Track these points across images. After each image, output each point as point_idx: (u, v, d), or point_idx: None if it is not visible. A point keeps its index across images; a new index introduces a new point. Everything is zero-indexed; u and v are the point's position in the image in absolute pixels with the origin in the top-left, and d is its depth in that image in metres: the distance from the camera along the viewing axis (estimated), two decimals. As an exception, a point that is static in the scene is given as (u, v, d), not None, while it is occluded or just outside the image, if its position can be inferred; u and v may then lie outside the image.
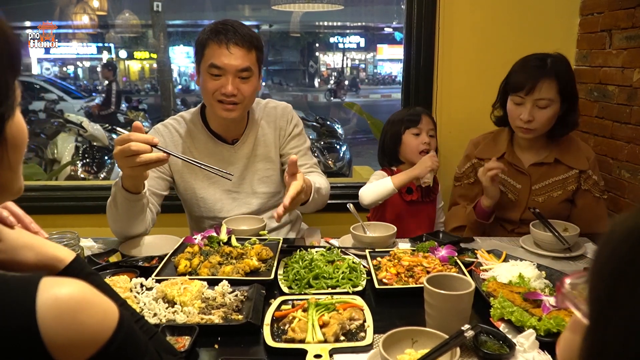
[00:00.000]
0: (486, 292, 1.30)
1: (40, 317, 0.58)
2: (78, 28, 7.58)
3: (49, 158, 5.53)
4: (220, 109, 1.76)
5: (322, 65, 19.74)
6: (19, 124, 0.69)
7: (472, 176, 2.06)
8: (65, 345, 0.59)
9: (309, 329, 1.12)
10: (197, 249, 1.55)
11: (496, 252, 1.57)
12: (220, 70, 1.72)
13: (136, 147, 1.37)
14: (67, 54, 16.78)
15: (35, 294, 0.59)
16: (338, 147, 5.56)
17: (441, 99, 2.48)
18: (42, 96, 9.85)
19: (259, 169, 1.93)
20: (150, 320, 1.18)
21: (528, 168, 1.96)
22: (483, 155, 2.03)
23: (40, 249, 0.85)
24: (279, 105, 2.01)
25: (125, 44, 15.61)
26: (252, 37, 1.75)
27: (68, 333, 0.60)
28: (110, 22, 9.63)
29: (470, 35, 2.42)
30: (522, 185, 1.96)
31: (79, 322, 0.61)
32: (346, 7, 10.26)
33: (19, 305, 0.59)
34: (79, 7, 5.91)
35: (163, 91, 9.52)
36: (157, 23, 8.99)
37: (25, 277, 0.62)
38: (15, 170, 0.71)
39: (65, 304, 0.60)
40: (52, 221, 2.55)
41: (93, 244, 1.68)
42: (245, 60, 1.73)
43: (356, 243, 1.69)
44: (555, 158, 1.92)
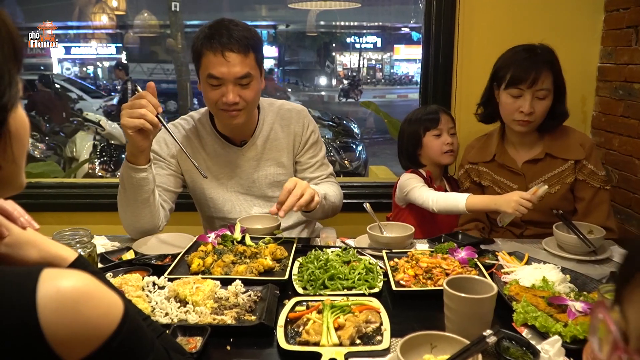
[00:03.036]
0: (508, 295, 1.25)
1: (41, 310, 0.56)
2: (97, 28, 7.66)
3: (68, 156, 5.58)
4: (225, 116, 1.73)
5: (338, 65, 19.71)
6: (21, 117, 0.68)
7: (466, 182, 2.03)
8: (66, 339, 0.57)
9: (324, 332, 1.09)
10: (211, 247, 1.53)
11: (518, 254, 1.52)
12: (219, 80, 1.67)
13: (145, 103, 1.48)
14: (87, 54, 17.00)
15: (36, 286, 0.57)
16: (354, 147, 5.52)
17: (460, 98, 2.43)
18: (63, 95, 9.97)
19: (270, 173, 1.90)
20: (161, 320, 1.16)
21: (521, 167, 1.90)
22: (475, 160, 2.00)
23: (44, 246, 0.84)
24: (295, 108, 1.97)
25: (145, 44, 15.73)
26: (247, 39, 1.67)
27: (70, 326, 0.58)
28: (129, 22, 9.72)
29: (491, 33, 2.36)
30: (517, 185, 1.90)
31: (81, 315, 0.59)
32: (363, 7, 10.22)
33: (19, 298, 0.57)
34: (98, 7, 5.97)
35: (180, 91, 9.56)
36: (174, 23, 9.03)
37: (25, 269, 0.60)
38: (19, 164, 0.70)
39: (67, 296, 0.58)
40: (67, 218, 2.56)
41: (107, 242, 1.66)
42: (244, 66, 1.66)
43: (373, 243, 1.65)
44: (546, 153, 1.86)
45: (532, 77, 1.75)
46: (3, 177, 0.67)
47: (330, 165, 2.04)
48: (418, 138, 2.06)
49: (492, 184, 1.95)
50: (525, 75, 1.76)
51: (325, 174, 1.99)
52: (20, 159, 0.69)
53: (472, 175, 2.00)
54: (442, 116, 2.05)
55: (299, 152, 1.95)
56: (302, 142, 1.94)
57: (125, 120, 1.49)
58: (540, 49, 1.81)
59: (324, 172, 1.98)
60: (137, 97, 1.50)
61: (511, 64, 1.82)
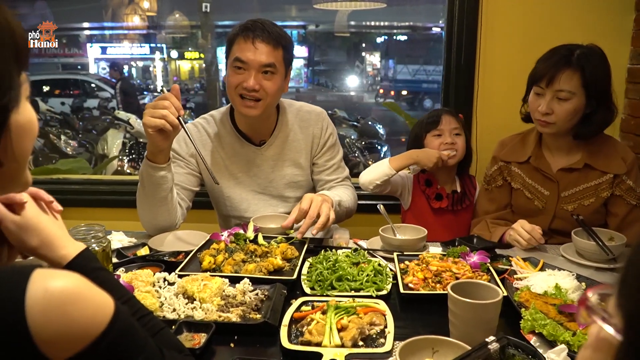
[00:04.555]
0: (518, 302, 1.22)
1: (29, 310, 0.57)
2: (129, 29, 7.83)
3: (99, 153, 5.73)
4: (242, 105, 1.75)
5: (368, 65, 19.62)
6: (25, 116, 0.70)
7: (499, 179, 1.94)
8: (52, 339, 0.58)
9: (327, 332, 1.09)
10: (223, 245, 1.55)
11: (533, 260, 1.48)
12: (244, 64, 1.71)
13: (168, 105, 1.51)
14: (121, 55, 17.42)
15: (26, 285, 0.59)
16: (379, 148, 5.49)
17: (482, 100, 2.39)
18: (97, 94, 10.24)
19: (287, 173, 1.92)
20: (168, 315, 1.18)
21: (556, 173, 1.81)
22: (509, 158, 1.91)
23: (46, 235, 0.86)
24: (314, 110, 1.98)
25: (176, 44, 16.02)
26: (279, 36, 1.74)
27: (56, 326, 0.59)
28: (162, 23, 9.90)
29: (515, 33, 2.32)
30: (549, 192, 1.82)
31: (67, 315, 0.60)
32: (392, 7, 10.14)
33: (9, 297, 0.58)
34: (130, 9, 6.10)
35: (209, 90, 9.69)
36: (205, 23, 9.17)
37: (18, 268, 0.62)
38: (21, 163, 0.71)
39: (55, 297, 0.59)
40: (92, 214, 2.62)
41: (123, 238, 1.70)
42: (270, 56, 1.71)
43: (385, 245, 1.64)
44: (585, 163, 1.77)
45: (549, 76, 1.68)
46: (5, 174, 0.69)
47: (346, 168, 2.06)
48: (419, 139, 2.03)
49: (523, 187, 1.88)
50: (544, 73, 1.70)
51: (341, 177, 2.00)
52: (21, 158, 0.70)
53: (505, 173, 1.93)
54: (444, 117, 2.00)
55: (317, 154, 1.96)
56: (320, 144, 1.95)
57: (146, 119, 1.52)
58: (580, 49, 1.70)
59: (340, 175, 2.00)
60: (161, 98, 1.54)
61: (541, 61, 1.77)
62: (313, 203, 1.61)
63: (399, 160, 1.92)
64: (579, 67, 1.67)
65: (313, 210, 1.59)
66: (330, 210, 1.62)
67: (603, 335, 0.48)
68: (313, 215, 1.59)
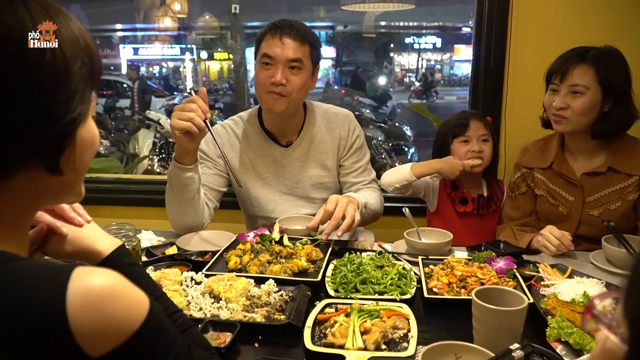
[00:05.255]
0: (544, 309, 1.20)
1: (70, 306, 0.60)
2: (160, 30, 7.98)
3: (131, 152, 5.86)
4: (269, 100, 1.78)
5: (396, 66, 19.50)
6: (89, 131, 0.73)
7: (523, 186, 1.92)
8: (91, 334, 0.61)
9: (350, 335, 1.09)
10: (249, 246, 1.57)
11: (561, 266, 1.46)
12: (272, 60, 1.75)
13: (195, 107, 1.55)
14: (153, 55, 17.76)
15: (67, 282, 0.61)
16: (406, 149, 5.47)
17: (512, 102, 2.35)
18: (129, 94, 10.47)
19: (314, 175, 1.93)
20: (195, 314, 1.20)
21: (580, 178, 1.78)
22: (531, 165, 1.89)
23: (79, 241, 0.89)
24: (341, 112, 2.00)
25: (206, 45, 16.25)
26: (306, 33, 1.78)
27: (94, 322, 0.61)
28: (193, 24, 10.06)
29: (546, 34, 2.27)
30: (574, 198, 1.78)
31: (106, 312, 0.62)
32: (421, 7, 10.06)
33: (50, 293, 0.61)
34: (161, 11, 6.21)
35: (238, 90, 9.79)
36: (234, 25, 9.27)
37: (60, 266, 0.65)
38: (79, 173, 0.75)
39: (94, 294, 0.62)
40: (123, 212, 2.68)
41: (153, 237, 1.74)
42: (297, 52, 1.75)
43: (410, 249, 1.64)
44: (609, 167, 1.73)
45: (562, 71, 1.69)
46: (64, 183, 0.72)
47: (373, 171, 2.06)
48: (446, 144, 2.00)
49: (547, 193, 1.85)
50: (557, 69, 1.71)
51: (368, 179, 2.00)
52: (81, 169, 0.74)
53: (528, 180, 1.91)
54: (473, 122, 1.96)
55: (343, 156, 1.97)
56: (347, 147, 1.96)
57: (174, 121, 1.56)
58: (597, 49, 1.70)
59: (366, 177, 2.00)
60: (188, 101, 1.57)
61: (556, 60, 1.77)
62: (338, 204, 1.61)
63: (421, 168, 1.90)
64: (594, 63, 1.67)
65: (338, 212, 1.60)
66: (356, 212, 1.63)
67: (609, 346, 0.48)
68: (338, 216, 1.60)
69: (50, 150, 0.67)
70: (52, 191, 0.73)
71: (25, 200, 0.70)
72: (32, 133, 0.64)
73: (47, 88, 0.64)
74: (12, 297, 0.60)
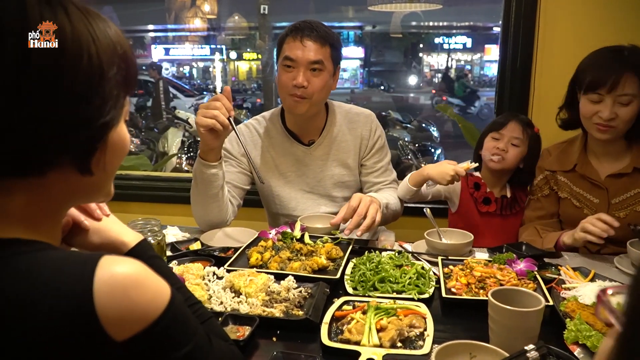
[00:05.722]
0: (563, 312, 1.19)
1: (96, 292, 0.64)
2: (190, 31, 8.10)
3: (160, 151, 5.98)
4: (291, 102, 1.81)
5: (425, 66, 19.35)
6: (121, 134, 0.77)
7: (546, 189, 1.90)
8: (115, 319, 0.64)
9: (366, 332, 1.11)
10: (271, 243, 1.60)
11: (583, 270, 1.44)
12: (293, 62, 1.77)
13: (219, 105, 1.59)
14: (183, 55, 18.08)
15: (94, 270, 0.65)
16: (432, 150, 5.43)
17: (538, 104, 2.32)
18: (168, 93, 10.66)
19: (335, 173, 1.95)
20: (216, 308, 1.24)
21: (604, 180, 1.75)
22: (554, 167, 1.87)
23: (104, 233, 0.93)
24: (362, 112, 2.02)
25: (235, 45, 16.45)
26: (327, 34, 1.79)
27: (118, 308, 0.64)
28: (222, 25, 10.20)
29: (574, 33, 2.23)
30: (599, 200, 1.76)
31: (129, 299, 0.66)
32: (450, 7, 9.96)
33: (78, 279, 0.65)
34: (191, 12, 6.32)
35: (265, 90, 9.87)
36: (262, 25, 9.36)
37: (87, 255, 0.68)
38: (109, 175, 0.79)
39: (119, 281, 0.66)
40: (151, 209, 2.75)
41: (178, 232, 1.79)
42: (318, 53, 1.77)
43: (430, 249, 1.64)
44: (634, 167, 1.70)
45: (612, 81, 1.62)
46: (93, 183, 0.76)
47: (394, 171, 2.08)
48: (482, 138, 2.01)
49: (571, 196, 1.83)
50: (604, 79, 1.64)
51: (389, 179, 2.02)
52: (110, 170, 0.78)
53: (552, 183, 1.89)
54: (512, 123, 1.95)
55: (365, 156, 1.99)
56: (369, 147, 1.98)
57: (199, 118, 1.60)
58: (627, 50, 1.67)
59: (387, 177, 2.02)
60: (213, 99, 1.62)
61: (591, 67, 1.71)
62: (362, 202, 1.63)
63: (416, 177, 1.87)
64: (634, 69, 1.62)
65: (361, 209, 1.62)
66: (377, 212, 1.64)
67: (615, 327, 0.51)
68: (361, 213, 1.62)
69: (82, 151, 0.71)
70: (83, 190, 0.76)
71: (58, 197, 0.74)
72: (66, 134, 0.68)
73: (82, 92, 0.67)
74: (42, 283, 0.64)
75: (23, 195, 0.70)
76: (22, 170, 0.68)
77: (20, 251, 0.68)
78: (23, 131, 0.65)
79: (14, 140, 0.65)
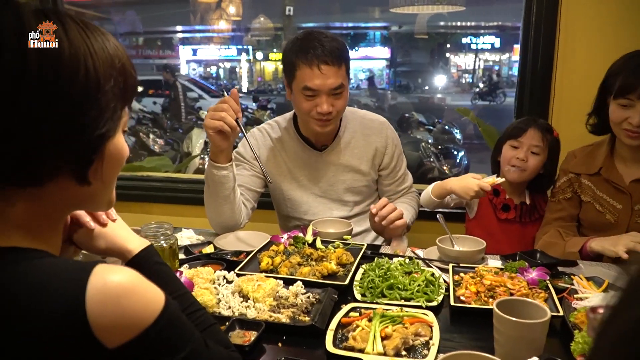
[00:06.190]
0: (573, 323, 1.17)
1: (89, 300, 0.65)
2: (217, 32, 8.21)
3: (184, 151, 6.07)
4: (316, 125, 1.82)
5: (452, 67, 19.13)
6: (118, 145, 0.79)
7: (568, 192, 1.85)
8: (107, 327, 0.66)
9: (370, 340, 1.11)
10: (282, 248, 1.61)
11: (597, 279, 1.41)
12: (314, 92, 1.75)
13: (227, 108, 1.62)
14: (210, 56, 18.32)
15: (88, 278, 0.67)
16: (455, 153, 5.37)
17: (559, 108, 2.28)
18: (186, 94, 10.81)
19: (347, 179, 1.96)
20: (224, 312, 1.25)
21: (629, 185, 1.71)
22: (578, 170, 1.83)
23: (111, 239, 0.96)
24: (377, 119, 2.03)
25: (261, 46, 16.58)
26: (339, 51, 1.75)
27: (110, 316, 0.66)
28: (248, 26, 10.30)
29: (596, 36, 2.18)
30: (622, 206, 1.72)
31: (121, 307, 0.67)
32: (477, 7, 9.83)
33: (73, 288, 0.67)
34: (217, 14, 6.41)
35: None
36: (288, 26, 9.42)
37: (82, 263, 0.71)
38: (107, 185, 0.81)
39: (111, 290, 0.67)
40: (171, 210, 2.80)
41: (192, 235, 1.82)
42: (338, 77, 1.75)
43: (442, 256, 1.63)
44: None
45: None
46: (91, 193, 0.78)
47: (409, 174, 2.08)
48: (500, 144, 1.98)
49: (593, 200, 1.80)
50: (635, 84, 1.60)
51: (406, 186, 2.07)
52: (108, 180, 0.80)
53: (575, 186, 1.85)
54: (531, 130, 1.90)
55: (383, 167, 2.00)
56: (383, 154, 1.99)
57: (207, 121, 1.64)
58: None
59: (407, 184, 2.07)
60: (221, 102, 1.64)
61: (621, 72, 1.66)
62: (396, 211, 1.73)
63: (438, 189, 1.86)
64: None
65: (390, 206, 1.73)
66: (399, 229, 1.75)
67: None
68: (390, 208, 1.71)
69: (79, 162, 0.73)
70: (82, 199, 0.79)
71: (57, 206, 0.77)
72: (63, 146, 0.70)
73: (79, 104, 0.70)
74: (37, 289, 0.66)
75: (22, 205, 0.73)
76: (21, 181, 0.70)
77: (19, 259, 0.70)
78: (21, 143, 0.67)
79: (12, 151, 0.67)
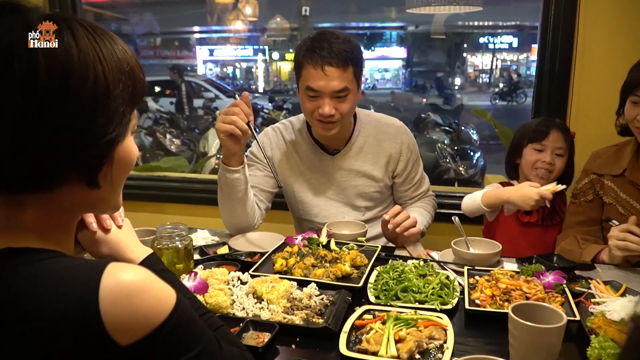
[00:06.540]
0: (589, 328, 1.16)
1: (102, 298, 0.66)
2: (233, 32, 8.25)
3: (201, 151, 6.11)
4: (319, 127, 1.81)
5: (469, 67, 18.99)
6: (127, 149, 0.80)
7: (590, 193, 1.82)
8: (120, 325, 0.67)
9: (384, 342, 1.11)
10: (296, 249, 1.61)
11: (614, 284, 1.39)
12: (317, 93, 1.74)
13: (238, 111, 1.62)
14: (227, 56, 18.43)
15: (100, 276, 0.68)
16: (471, 154, 5.33)
17: (577, 109, 2.24)
18: (203, 94, 10.90)
19: (359, 184, 1.95)
20: (238, 313, 1.26)
21: None
22: (601, 171, 1.80)
23: (114, 246, 0.99)
24: (393, 124, 1.99)
25: (278, 46, 16.63)
26: (347, 53, 1.72)
27: (123, 314, 0.67)
28: (265, 26, 10.35)
29: (615, 36, 2.15)
30: None
31: (133, 305, 0.68)
32: (495, 6, 9.74)
33: (85, 286, 0.68)
34: (233, 14, 6.45)
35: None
36: (304, 26, 9.43)
37: (95, 262, 0.72)
38: (116, 188, 0.82)
39: (124, 288, 0.68)
40: (187, 210, 2.83)
41: (207, 236, 1.83)
42: (342, 80, 1.72)
43: (457, 259, 1.61)
44: None
45: None
46: (101, 196, 0.80)
47: (426, 177, 2.07)
48: (520, 147, 1.94)
49: (616, 202, 1.76)
50: None
51: (423, 190, 2.05)
52: (117, 183, 0.82)
53: (597, 187, 1.82)
54: (553, 132, 1.87)
55: (399, 173, 1.98)
56: (398, 160, 1.96)
57: (218, 124, 1.64)
58: None
59: (424, 188, 2.05)
60: (232, 105, 1.65)
61: (633, 70, 1.65)
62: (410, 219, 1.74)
63: (491, 199, 1.82)
64: None
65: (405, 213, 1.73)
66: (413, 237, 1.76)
67: None
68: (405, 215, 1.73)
69: (89, 167, 0.74)
70: (91, 202, 0.80)
71: (67, 209, 0.78)
72: (73, 152, 0.71)
73: (89, 111, 0.71)
74: (50, 288, 0.67)
75: (34, 209, 0.74)
76: (33, 187, 0.72)
77: (32, 259, 0.71)
78: (31, 152, 0.68)
79: (22, 160, 0.69)
